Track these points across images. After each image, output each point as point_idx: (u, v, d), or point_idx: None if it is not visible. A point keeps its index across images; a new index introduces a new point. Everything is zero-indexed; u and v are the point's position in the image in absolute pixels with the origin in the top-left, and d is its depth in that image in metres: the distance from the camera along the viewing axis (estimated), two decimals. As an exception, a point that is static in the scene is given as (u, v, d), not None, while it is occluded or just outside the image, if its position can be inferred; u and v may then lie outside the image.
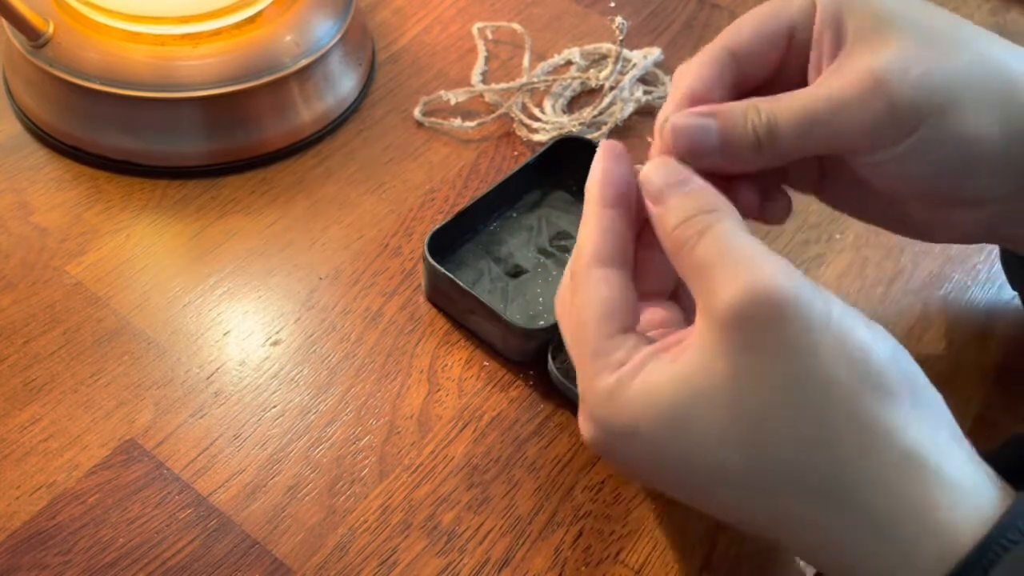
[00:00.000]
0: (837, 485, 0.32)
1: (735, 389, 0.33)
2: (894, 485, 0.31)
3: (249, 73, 0.55)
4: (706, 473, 0.34)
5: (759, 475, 0.33)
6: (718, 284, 0.33)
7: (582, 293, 0.37)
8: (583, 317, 0.37)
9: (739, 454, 0.33)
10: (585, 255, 0.38)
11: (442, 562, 0.43)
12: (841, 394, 0.32)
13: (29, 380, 0.47)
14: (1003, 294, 0.54)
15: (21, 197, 0.55)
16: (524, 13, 0.67)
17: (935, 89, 0.37)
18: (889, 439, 0.32)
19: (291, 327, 0.50)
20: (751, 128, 0.38)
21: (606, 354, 0.36)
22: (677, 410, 0.34)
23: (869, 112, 0.37)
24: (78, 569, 0.42)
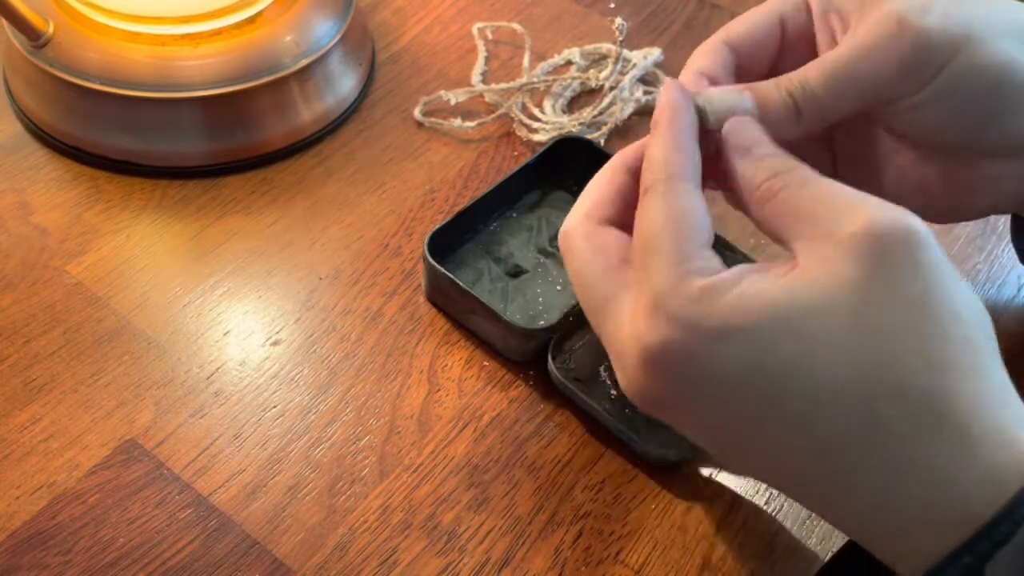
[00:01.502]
0: (937, 397, 0.32)
1: (864, 302, 0.32)
2: (996, 412, 0.32)
3: (249, 73, 0.55)
4: (809, 385, 0.32)
5: (868, 392, 0.32)
6: (844, 214, 0.33)
7: (665, 203, 0.35)
8: (666, 225, 0.35)
9: (855, 367, 0.32)
10: (664, 167, 0.36)
11: (442, 562, 0.43)
12: (963, 323, 0.33)
13: (29, 380, 0.47)
14: (1003, 294, 0.54)
15: (21, 197, 0.55)
16: (524, 13, 0.67)
17: (958, 22, 0.38)
18: (993, 372, 0.33)
19: (291, 327, 0.50)
20: (786, 93, 0.38)
21: (697, 259, 0.34)
22: (792, 313, 0.32)
23: (896, 51, 0.38)
24: (78, 569, 0.42)
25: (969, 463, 0.32)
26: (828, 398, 0.32)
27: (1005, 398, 0.33)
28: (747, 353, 0.32)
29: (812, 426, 0.33)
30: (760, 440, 0.34)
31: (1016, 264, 0.55)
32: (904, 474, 0.32)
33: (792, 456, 0.34)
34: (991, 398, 0.33)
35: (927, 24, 0.38)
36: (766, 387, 0.33)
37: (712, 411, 0.35)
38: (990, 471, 0.32)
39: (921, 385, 0.32)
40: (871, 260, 0.32)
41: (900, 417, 0.32)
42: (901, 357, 0.32)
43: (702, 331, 0.33)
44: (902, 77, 0.38)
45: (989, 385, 0.33)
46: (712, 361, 0.33)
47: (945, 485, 0.32)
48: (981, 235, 0.56)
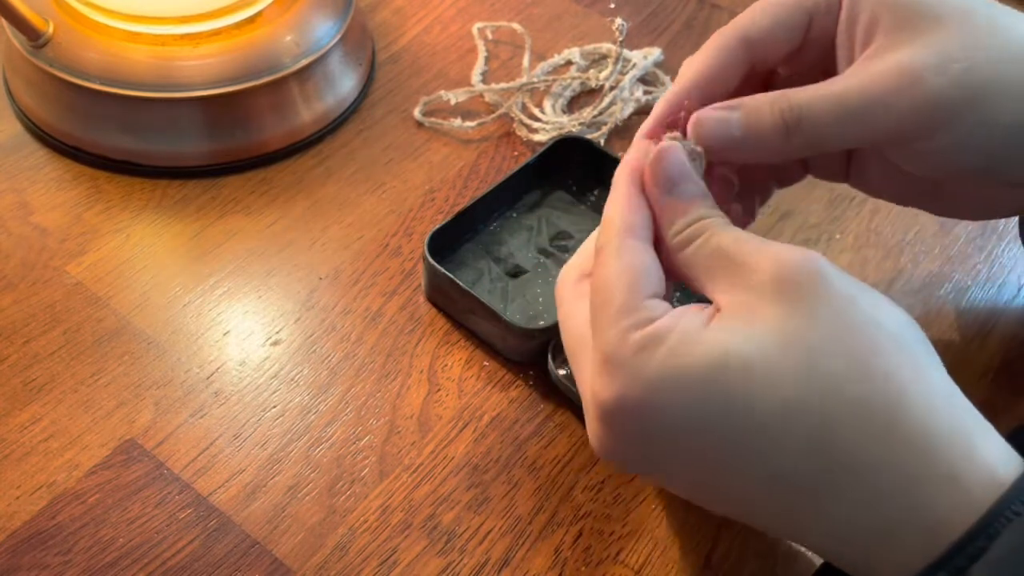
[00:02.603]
0: (887, 407, 0.32)
1: (791, 330, 0.33)
2: (940, 412, 0.32)
3: (249, 73, 0.55)
4: (756, 419, 0.32)
5: (816, 413, 0.32)
6: (754, 261, 0.34)
7: (614, 260, 0.36)
8: (613, 280, 0.36)
9: (796, 393, 0.32)
10: (616, 226, 0.37)
11: (442, 562, 0.43)
12: (888, 332, 0.33)
13: (29, 380, 0.47)
14: (1003, 294, 0.54)
15: (21, 197, 0.55)
16: (524, 13, 0.67)
17: (973, 83, 0.37)
18: (934, 375, 0.33)
19: (291, 327, 0.50)
20: (780, 118, 0.38)
21: (640, 311, 0.35)
22: (727, 354, 0.33)
23: (905, 106, 0.37)
24: (78, 569, 0.42)
25: (930, 472, 0.32)
26: (778, 427, 0.32)
27: (953, 401, 0.33)
28: (691, 396, 0.33)
29: (767, 458, 0.33)
30: (723, 480, 0.34)
31: (1016, 264, 0.55)
32: (868, 491, 0.32)
33: (758, 491, 0.34)
34: (939, 401, 0.33)
35: (940, 85, 0.37)
36: (715, 427, 0.33)
37: (672, 459, 0.35)
38: (953, 480, 0.31)
39: (863, 396, 0.32)
40: (783, 303, 0.33)
41: (852, 433, 0.32)
42: (837, 375, 0.32)
43: (646, 380, 0.33)
44: (907, 129, 0.38)
45: (933, 388, 0.33)
46: (661, 409, 0.33)
47: (910, 498, 0.32)
48: (981, 235, 0.56)
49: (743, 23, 0.41)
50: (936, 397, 0.33)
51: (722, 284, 0.35)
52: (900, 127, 0.38)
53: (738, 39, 0.40)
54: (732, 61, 0.40)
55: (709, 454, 0.34)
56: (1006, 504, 0.31)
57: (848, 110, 0.38)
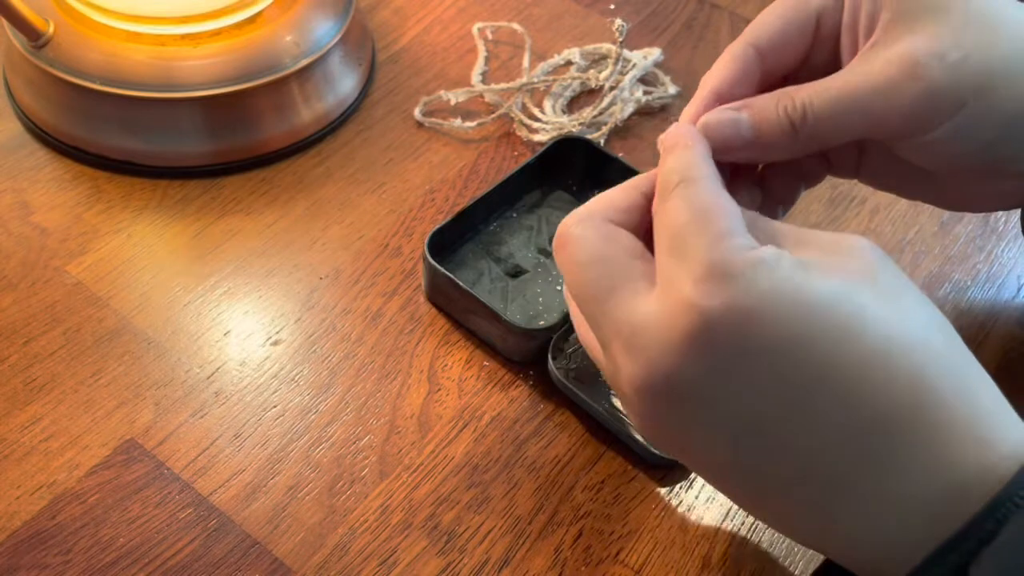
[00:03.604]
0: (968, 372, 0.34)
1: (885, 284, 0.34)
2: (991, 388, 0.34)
3: (249, 73, 0.55)
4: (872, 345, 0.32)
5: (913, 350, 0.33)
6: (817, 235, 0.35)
7: (706, 190, 0.35)
8: (712, 206, 0.34)
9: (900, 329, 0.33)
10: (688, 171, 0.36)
11: (442, 562, 0.43)
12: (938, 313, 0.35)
13: (29, 380, 0.47)
14: (1002, 294, 0.54)
15: (21, 197, 0.55)
16: (524, 13, 0.67)
17: (973, 72, 0.37)
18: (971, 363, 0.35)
19: (291, 327, 0.50)
20: (785, 115, 0.38)
21: (746, 236, 0.33)
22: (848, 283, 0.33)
23: (906, 97, 0.37)
24: (78, 569, 0.42)
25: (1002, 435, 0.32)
26: (883, 363, 0.32)
27: (990, 381, 0.34)
28: (811, 318, 0.32)
29: (871, 393, 0.32)
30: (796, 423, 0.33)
31: (1016, 264, 0.55)
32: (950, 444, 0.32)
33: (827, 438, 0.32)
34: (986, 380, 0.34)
35: (942, 74, 0.37)
36: (829, 350, 0.32)
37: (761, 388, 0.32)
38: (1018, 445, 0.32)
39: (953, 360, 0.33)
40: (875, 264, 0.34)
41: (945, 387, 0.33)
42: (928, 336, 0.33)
43: (771, 293, 0.32)
44: (909, 119, 0.38)
45: (981, 370, 0.34)
46: (778, 324, 0.32)
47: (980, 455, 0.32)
48: (981, 235, 0.56)
49: (753, 31, 0.41)
50: (985, 379, 0.34)
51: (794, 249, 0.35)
52: (903, 117, 0.38)
53: (750, 47, 0.40)
54: (747, 70, 0.40)
55: (814, 383, 0.32)
56: (1015, 488, 0.31)
57: (851, 103, 0.38)
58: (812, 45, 0.41)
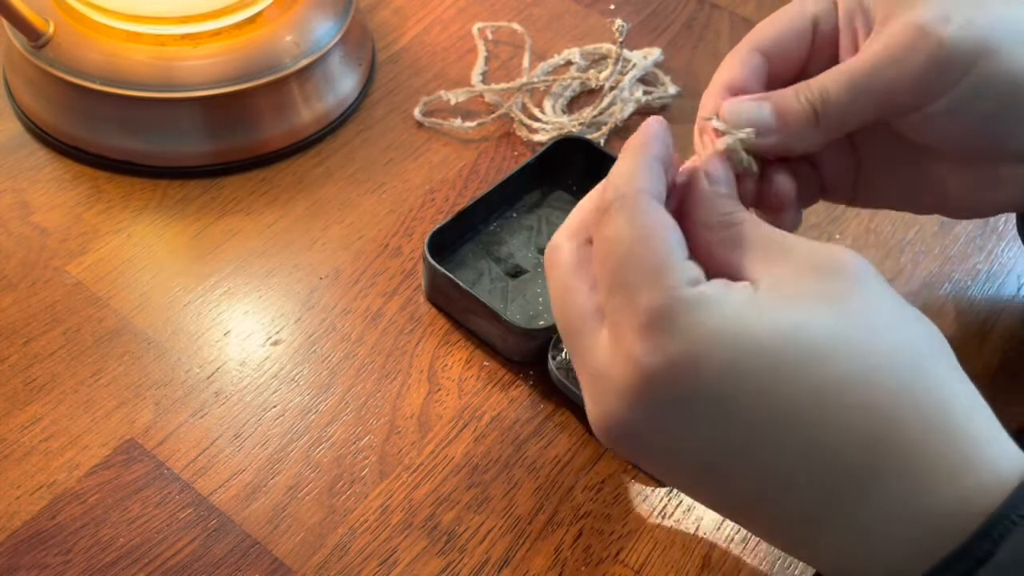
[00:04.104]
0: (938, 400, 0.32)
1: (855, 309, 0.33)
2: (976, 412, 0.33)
3: (249, 73, 0.55)
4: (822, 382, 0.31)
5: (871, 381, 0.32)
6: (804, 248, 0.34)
7: (636, 217, 0.34)
8: (645, 237, 0.33)
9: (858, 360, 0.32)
10: (632, 183, 0.35)
11: (442, 562, 0.43)
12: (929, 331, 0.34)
13: (29, 380, 0.47)
14: (1002, 293, 0.54)
15: (21, 197, 0.55)
16: (524, 13, 0.67)
17: (978, 34, 0.38)
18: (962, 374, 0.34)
19: (291, 327, 0.50)
20: (807, 102, 0.39)
21: (685, 269, 0.33)
22: (798, 319, 0.32)
23: (915, 61, 0.38)
24: (78, 569, 0.42)
25: (974, 465, 0.32)
26: (838, 400, 0.32)
27: (979, 401, 0.34)
28: (760, 359, 0.32)
29: (825, 430, 0.32)
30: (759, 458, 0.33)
31: (1016, 264, 0.55)
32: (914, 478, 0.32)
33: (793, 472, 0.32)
34: (972, 401, 0.33)
35: (947, 35, 0.38)
36: (776, 393, 0.32)
37: (712, 433, 0.33)
38: (995, 474, 0.32)
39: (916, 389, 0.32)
40: (842, 284, 0.33)
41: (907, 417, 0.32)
42: (893, 364, 0.32)
43: (706, 338, 0.32)
44: (920, 87, 0.38)
45: (965, 390, 0.33)
46: (724, 369, 0.32)
47: (951, 488, 0.31)
48: (981, 235, 0.56)
49: (754, 36, 0.42)
50: (971, 399, 0.33)
51: (771, 262, 0.34)
52: (913, 83, 0.38)
53: (755, 51, 0.41)
54: (756, 69, 0.41)
55: (764, 424, 0.32)
56: (1012, 508, 0.31)
57: (866, 80, 0.39)
58: (812, 51, 0.42)
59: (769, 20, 0.42)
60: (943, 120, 0.39)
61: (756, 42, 0.41)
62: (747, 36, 0.42)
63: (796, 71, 0.42)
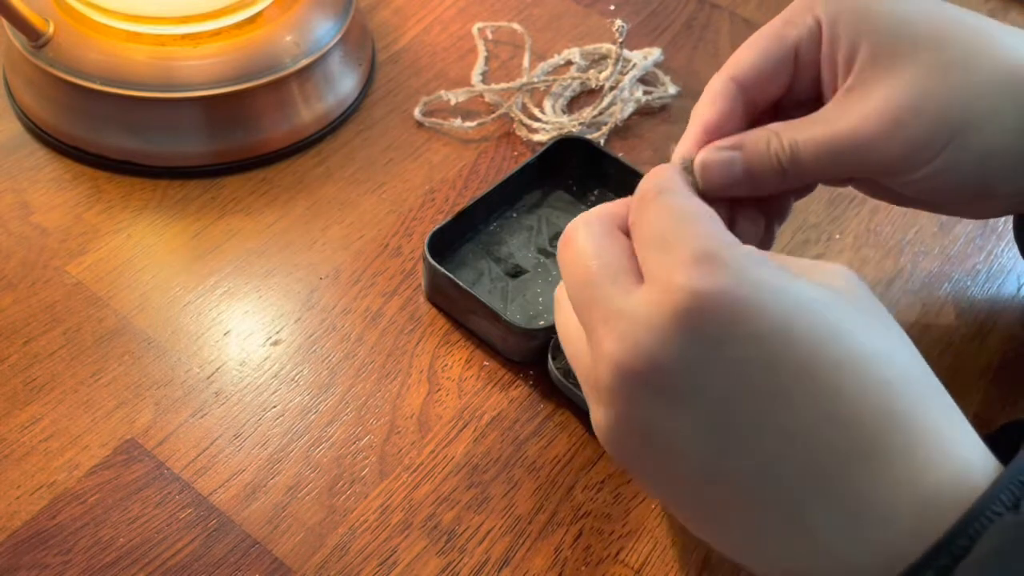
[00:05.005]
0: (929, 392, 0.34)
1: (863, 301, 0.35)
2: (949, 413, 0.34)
3: (249, 73, 0.55)
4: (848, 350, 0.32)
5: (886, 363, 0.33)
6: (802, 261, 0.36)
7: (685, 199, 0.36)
8: (682, 216, 0.35)
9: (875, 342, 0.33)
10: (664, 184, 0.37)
11: (442, 562, 0.43)
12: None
13: (29, 380, 0.47)
14: (1002, 293, 0.54)
15: (21, 197, 0.55)
16: (524, 13, 0.67)
17: (949, 120, 0.39)
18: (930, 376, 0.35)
19: (291, 327, 0.50)
20: (775, 156, 0.40)
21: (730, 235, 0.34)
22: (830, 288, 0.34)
23: (888, 149, 0.39)
24: (78, 569, 0.42)
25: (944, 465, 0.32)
26: (858, 369, 0.32)
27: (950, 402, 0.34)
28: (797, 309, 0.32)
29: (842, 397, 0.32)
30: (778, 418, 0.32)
31: (1016, 264, 0.55)
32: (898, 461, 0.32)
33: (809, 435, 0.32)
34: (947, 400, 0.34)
35: (920, 127, 0.39)
36: (809, 347, 0.32)
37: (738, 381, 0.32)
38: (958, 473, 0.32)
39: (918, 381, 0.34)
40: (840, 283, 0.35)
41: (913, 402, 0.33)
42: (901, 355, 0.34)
43: (761, 281, 0.32)
44: (890, 169, 0.40)
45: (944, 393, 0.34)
46: (764, 314, 0.32)
47: (909, 486, 0.32)
48: (981, 235, 0.56)
49: (732, 65, 0.42)
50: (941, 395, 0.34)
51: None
52: (886, 166, 0.40)
53: (730, 81, 0.41)
54: (731, 105, 0.41)
55: (781, 378, 0.32)
56: (987, 503, 0.31)
57: (836, 152, 0.40)
58: (793, 75, 0.42)
59: (748, 45, 0.42)
60: (916, 186, 0.40)
61: (733, 72, 0.41)
62: (726, 64, 0.42)
63: (779, 94, 0.42)
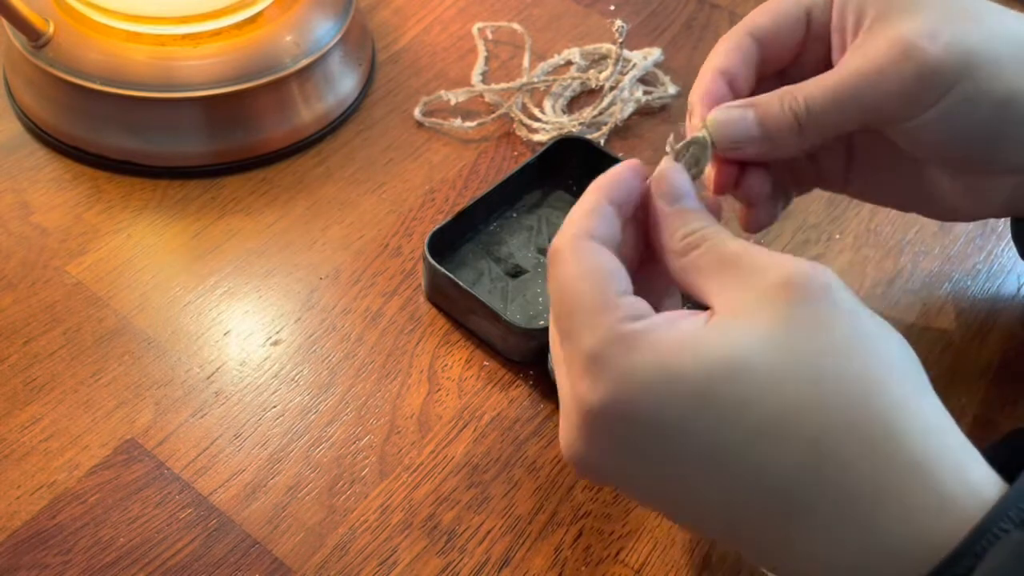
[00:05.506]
0: (886, 426, 0.31)
1: (799, 335, 0.32)
2: (933, 435, 0.32)
3: (249, 73, 0.55)
4: (753, 425, 0.31)
5: (815, 425, 0.31)
6: (761, 269, 0.33)
7: (576, 260, 0.35)
8: (579, 281, 0.34)
9: (797, 402, 0.31)
10: (577, 227, 0.36)
11: (442, 562, 0.43)
12: (888, 353, 0.33)
13: (29, 380, 0.47)
14: (1002, 293, 0.54)
15: (21, 197, 0.55)
16: (524, 13, 0.67)
17: (965, 51, 0.38)
18: (927, 398, 0.33)
19: (291, 327, 0.50)
20: (789, 111, 0.39)
21: (620, 307, 0.33)
22: (738, 354, 0.32)
23: (900, 77, 0.38)
24: (78, 569, 0.42)
25: (925, 496, 0.31)
26: (777, 434, 0.31)
27: (943, 424, 0.33)
28: (690, 399, 0.32)
29: (763, 468, 0.32)
30: (710, 492, 0.33)
31: (1016, 264, 0.55)
32: (861, 511, 0.31)
33: (746, 505, 0.33)
34: (932, 424, 0.32)
35: (934, 51, 0.38)
36: (713, 432, 0.32)
37: (658, 468, 0.33)
38: (946, 504, 0.31)
39: (865, 411, 0.31)
40: (792, 306, 0.32)
41: (850, 448, 0.31)
42: (839, 391, 0.32)
43: (640, 381, 0.32)
44: (904, 102, 0.39)
45: (927, 411, 0.32)
46: (655, 411, 0.32)
47: (902, 521, 0.31)
48: (981, 235, 0.56)
49: (746, 23, 0.42)
50: (930, 420, 0.32)
51: (726, 287, 0.34)
52: (897, 98, 0.39)
53: (748, 35, 0.42)
54: (748, 54, 0.41)
55: (701, 462, 0.32)
56: (992, 522, 0.30)
57: (850, 90, 0.39)
58: (804, 41, 0.42)
59: (764, 7, 0.43)
60: (928, 132, 0.40)
61: (751, 28, 0.42)
62: (743, 21, 0.42)
63: (789, 59, 0.43)
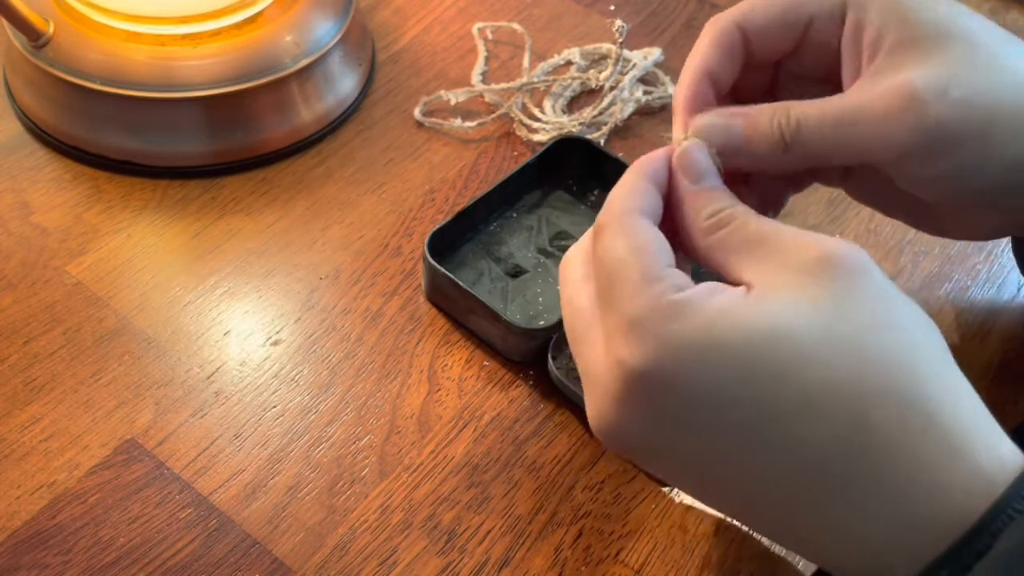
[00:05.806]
0: (925, 401, 0.32)
1: (842, 310, 0.32)
2: (966, 411, 0.33)
3: (249, 73, 0.55)
4: (795, 396, 0.31)
5: (856, 396, 0.31)
6: (795, 245, 0.34)
7: (624, 234, 0.35)
8: (627, 252, 0.34)
9: (839, 374, 0.31)
10: (620, 206, 0.36)
11: (442, 562, 0.43)
12: (923, 329, 0.33)
13: (29, 380, 0.47)
14: (1002, 293, 0.54)
15: (21, 197, 0.55)
16: (524, 13, 0.67)
17: (974, 113, 0.36)
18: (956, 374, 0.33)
19: (291, 327, 0.50)
20: (778, 129, 0.38)
21: (665, 278, 0.33)
22: (781, 325, 0.32)
23: (901, 128, 0.36)
24: (78, 569, 0.42)
25: (959, 466, 0.31)
26: (817, 406, 0.32)
27: (974, 400, 0.33)
28: (733, 367, 0.32)
29: (802, 439, 0.32)
30: (744, 463, 0.33)
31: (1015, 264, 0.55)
32: (897, 482, 0.32)
33: (780, 477, 0.33)
34: (964, 399, 0.33)
35: (941, 109, 0.36)
36: (754, 402, 0.32)
37: (693, 439, 0.33)
38: (977, 474, 0.31)
39: (903, 387, 0.32)
40: (835, 280, 0.33)
41: (888, 421, 0.31)
42: (880, 365, 0.32)
43: (683, 346, 0.32)
44: (902, 152, 0.37)
45: (960, 386, 0.33)
46: (698, 378, 0.32)
47: (937, 491, 0.31)
48: (981, 235, 0.56)
49: (738, 11, 0.40)
50: (963, 396, 0.33)
51: (761, 263, 0.34)
52: (898, 149, 0.37)
53: (734, 24, 0.40)
54: (731, 50, 0.40)
55: (740, 431, 0.32)
56: (1008, 502, 0.31)
57: (846, 127, 0.37)
58: (799, 44, 0.41)
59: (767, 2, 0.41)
60: (928, 181, 0.39)
61: (742, 19, 0.40)
62: (735, 7, 0.40)
63: (777, 58, 0.41)
